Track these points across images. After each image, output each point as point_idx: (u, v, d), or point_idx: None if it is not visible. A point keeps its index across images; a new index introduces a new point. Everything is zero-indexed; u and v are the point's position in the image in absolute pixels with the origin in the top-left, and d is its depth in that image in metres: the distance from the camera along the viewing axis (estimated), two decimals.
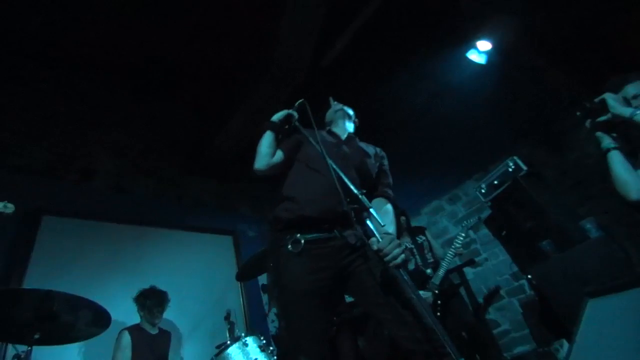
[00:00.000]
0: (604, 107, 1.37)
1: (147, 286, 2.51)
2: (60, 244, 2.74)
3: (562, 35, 2.46)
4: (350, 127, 1.67)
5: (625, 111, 1.30)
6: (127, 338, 2.20)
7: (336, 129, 1.63)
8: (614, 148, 1.39)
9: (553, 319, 2.14)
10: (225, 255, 3.88)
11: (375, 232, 1.10)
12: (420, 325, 1.08)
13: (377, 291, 1.16)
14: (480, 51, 2.77)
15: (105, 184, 3.16)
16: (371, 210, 1.09)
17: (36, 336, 1.42)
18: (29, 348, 1.38)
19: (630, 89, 1.39)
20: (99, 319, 1.64)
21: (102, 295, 2.57)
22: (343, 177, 1.18)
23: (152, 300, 2.40)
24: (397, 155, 1.97)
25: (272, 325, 2.95)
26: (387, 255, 1.06)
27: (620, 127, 1.39)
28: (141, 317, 2.38)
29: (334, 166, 1.23)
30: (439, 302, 2.49)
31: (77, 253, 2.77)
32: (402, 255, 1.07)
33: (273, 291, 1.23)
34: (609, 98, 1.35)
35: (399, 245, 1.09)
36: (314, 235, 1.23)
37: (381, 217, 1.15)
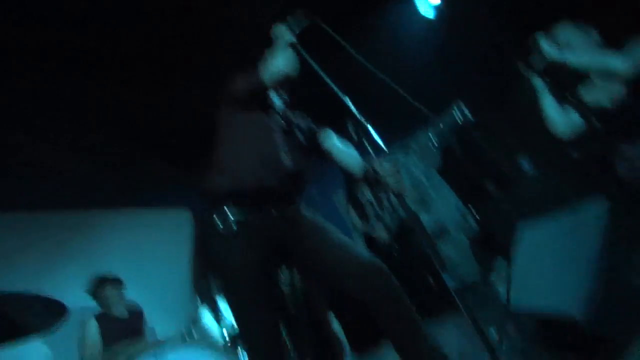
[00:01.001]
0: (537, 49, 1.46)
1: (101, 273, 2.38)
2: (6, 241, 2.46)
3: None
4: None
5: (555, 53, 1.40)
6: (93, 326, 2.11)
7: None
8: (545, 89, 1.52)
9: (496, 247, 2.46)
10: (184, 229, 3.79)
11: (374, 156, 1.05)
12: (366, 270, 1.11)
13: (318, 253, 1.16)
14: (429, 3, 2.73)
15: (37, 171, 2.79)
16: (370, 130, 1.01)
17: None
18: None
19: (561, 32, 1.49)
20: (53, 310, 1.53)
21: (55, 288, 2.43)
22: (343, 97, 1.06)
23: (102, 290, 2.29)
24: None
25: None
26: (388, 181, 1.03)
27: (551, 69, 1.50)
28: (101, 305, 2.29)
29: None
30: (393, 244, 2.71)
31: (19, 249, 2.52)
32: (400, 182, 1.05)
33: (210, 267, 1.18)
34: (542, 40, 1.44)
35: (398, 171, 1.07)
36: (248, 213, 1.12)
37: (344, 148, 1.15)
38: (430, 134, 3.28)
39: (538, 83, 1.54)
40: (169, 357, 1.47)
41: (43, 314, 1.56)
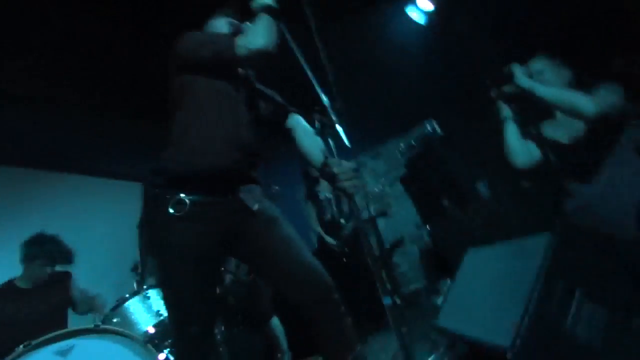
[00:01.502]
0: (510, 78, 1.47)
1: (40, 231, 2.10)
2: None
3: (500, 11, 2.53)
4: None
5: (528, 83, 1.41)
6: None
7: None
8: (510, 118, 1.54)
9: (443, 262, 2.51)
10: (133, 204, 3.52)
11: (335, 154, 0.99)
12: (308, 274, 1.08)
13: (266, 250, 1.09)
14: (420, 9, 2.70)
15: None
16: (337, 127, 0.96)
17: None
18: None
19: (535, 64, 1.51)
20: None
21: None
22: (314, 81, 0.98)
23: (38, 248, 2.01)
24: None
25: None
26: (343, 181, 0.98)
27: (520, 99, 1.52)
28: (23, 268, 2.01)
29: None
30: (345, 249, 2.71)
31: None
32: (356, 186, 1.00)
33: (154, 252, 1.07)
34: (517, 69, 1.45)
35: (357, 173, 1.01)
36: (203, 197, 1.02)
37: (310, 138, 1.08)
38: (400, 143, 3.30)
39: (505, 110, 1.56)
40: (76, 347, 1.30)
41: None
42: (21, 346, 1.21)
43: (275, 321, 2.42)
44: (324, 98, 0.99)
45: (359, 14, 2.73)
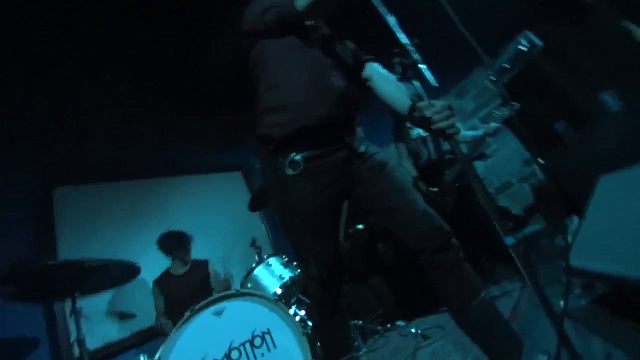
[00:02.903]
0: None
1: (169, 228, 2.67)
2: (79, 212, 2.85)
3: None
4: None
5: None
6: (155, 290, 2.49)
7: None
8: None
9: (565, 199, 2.16)
10: (239, 190, 4.04)
11: (424, 95, 0.92)
12: (426, 221, 1.06)
13: (382, 196, 1.10)
14: None
15: (105, 144, 3.09)
16: (420, 66, 0.89)
17: (77, 294, 1.58)
18: (73, 302, 1.56)
19: None
20: (129, 272, 1.78)
21: (131, 250, 2.80)
22: (388, 19, 0.89)
23: (170, 243, 2.58)
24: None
25: None
26: (439, 122, 0.90)
27: None
28: (170, 260, 2.59)
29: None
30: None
31: (97, 217, 2.91)
32: (457, 124, 0.92)
33: (280, 218, 1.18)
34: None
35: (452, 111, 0.92)
36: (314, 152, 1.07)
37: (392, 84, 1.04)
38: (488, 71, 2.84)
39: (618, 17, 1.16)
40: (227, 308, 1.63)
41: (120, 275, 1.83)
42: (188, 312, 1.58)
43: (375, 279, 2.52)
44: (402, 37, 0.90)
45: None
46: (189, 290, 2.44)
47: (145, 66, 2.58)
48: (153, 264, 2.58)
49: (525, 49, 2.37)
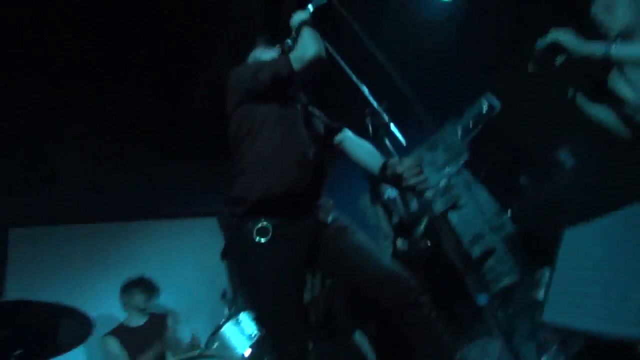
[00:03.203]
0: (555, 48, 1.20)
1: (134, 276, 2.47)
2: (36, 255, 2.64)
3: None
4: None
5: (597, 49, 1.16)
6: (114, 343, 2.20)
7: None
8: (580, 94, 1.30)
9: (535, 250, 2.22)
10: (214, 237, 3.87)
11: (394, 153, 0.99)
12: (395, 279, 1.06)
13: (347, 259, 1.10)
14: None
15: (73, 185, 2.95)
16: (391, 126, 0.97)
17: (17, 352, 1.36)
18: None
19: (593, 9, 1.28)
20: (82, 325, 1.58)
21: (90, 298, 2.54)
22: (360, 85, 1.00)
23: (133, 290, 2.37)
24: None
25: None
26: (409, 178, 0.94)
27: (573, 67, 1.26)
28: (128, 310, 2.36)
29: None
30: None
31: (56, 261, 2.69)
32: (423, 181, 0.96)
33: (242, 282, 1.14)
34: (562, 36, 1.17)
35: (421, 168, 0.97)
36: (284, 219, 1.07)
37: (362, 147, 1.08)
38: (456, 128, 3.07)
39: (568, 90, 1.33)
40: None
41: (73, 328, 1.62)
42: None
43: (357, 335, 2.38)
44: (372, 100, 0.99)
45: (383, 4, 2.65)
46: (147, 345, 2.20)
47: (119, 107, 2.60)
48: (108, 317, 2.33)
49: (486, 109, 2.61)
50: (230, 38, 2.28)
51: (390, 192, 2.80)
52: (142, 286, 2.40)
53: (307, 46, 1.10)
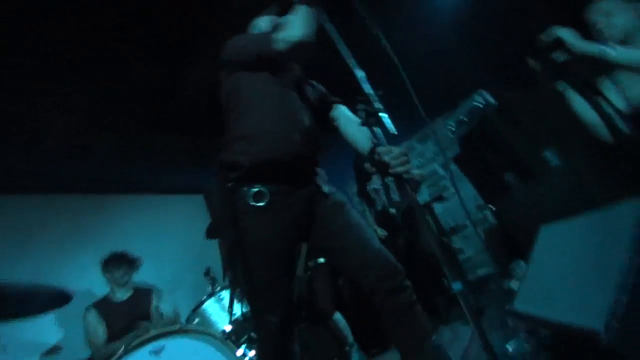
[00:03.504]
0: (557, 45, 1.25)
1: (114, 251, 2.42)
2: (12, 224, 2.54)
3: None
4: None
5: (593, 48, 1.19)
6: (93, 315, 2.18)
7: None
8: (570, 90, 1.33)
9: (512, 244, 2.31)
10: (199, 214, 3.83)
11: (384, 141, 0.95)
12: (381, 261, 1.07)
13: (338, 235, 1.11)
14: None
15: (61, 154, 2.82)
16: (381, 115, 0.94)
17: None
18: None
19: (605, 4, 1.29)
20: (59, 299, 1.56)
21: (69, 271, 2.50)
22: (357, 70, 0.96)
23: (112, 264, 2.33)
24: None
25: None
26: (396, 167, 0.93)
27: (572, 63, 1.29)
28: (109, 284, 2.34)
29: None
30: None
31: (33, 232, 2.60)
32: (409, 170, 0.95)
33: (232, 252, 1.12)
34: (565, 34, 1.22)
35: (408, 157, 0.96)
36: (281, 186, 1.05)
37: (355, 126, 1.08)
38: (448, 122, 3.09)
39: (560, 84, 1.35)
40: (166, 347, 1.47)
41: (48, 302, 1.59)
42: (121, 348, 1.41)
43: (338, 316, 2.45)
44: (367, 87, 0.97)
45: None
46: (130, 320, 2.19)
47: (114, 74, 2.49)
48: (89, 291, 2.30)
49: (480, 105, 2.63)
50: (233, 20, 2.19)
51: (376, 184, 2.86)
52: (122, 260, 2.36)
53: (295, 28, 1.07)
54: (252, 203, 1.02)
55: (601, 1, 1.28)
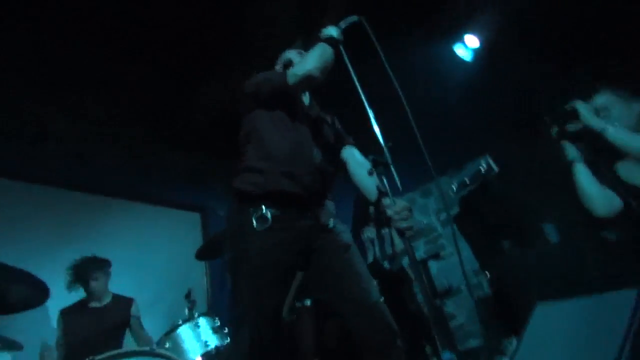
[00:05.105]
0: (574, 115, 1.36)
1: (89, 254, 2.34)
2: (6, 208, 2.53)
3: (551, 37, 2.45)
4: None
5: (598, 124, 1.29)
6: (60, 320, 2.11)
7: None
8: (579, 160, 1.39)
9: (506, 316, 2.22)
10: (191, 233, 3.76)
11: (389, 193, 0.97)
12: (376, 315, 1.06)
13: (338, 276, 1.11)
14: (467, 46, 2.71)
15: (63, 149, 2.88)
16: (392, 168, 0.98)
17: None
18: None
19: (598, 99, 1.39)
20: (35, 293, 1.51)
21: (48, 267, 2.41)
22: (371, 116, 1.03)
23: (83, 270, 2.22)
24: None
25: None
26: (399, 221, 0.95)
27: (587, 137, 1.38)
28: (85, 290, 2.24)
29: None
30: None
31: (23, 219, 2.57)
32: (412, 227, 0.96)
33: (231, 268, 1.12)
34: (581, 107, 1.34)
35: (411, 213, 0.98)
36: (284, 211, 1.08)
37: (359, 168, 1.12)
38: (452, 181, 3.14)
39: (572, 151, 1.42)
40: None
41: (25, 294, 1.54)
42: None
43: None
44: (381, 138, 1.01)
45: (406, 52, 2.80)
46: (101, 329, 2.08)
47: (128, 82, 2.60)
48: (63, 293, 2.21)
49: (483, 170, 2.69)
50: (256, 41, 2.34)
51: (369, 233, 2.83)
52: (90, 267, 2.25)
53: (306, 63, 1.16)
54: (254, 224, 1.05)
55: (597, 97, 1.38)
